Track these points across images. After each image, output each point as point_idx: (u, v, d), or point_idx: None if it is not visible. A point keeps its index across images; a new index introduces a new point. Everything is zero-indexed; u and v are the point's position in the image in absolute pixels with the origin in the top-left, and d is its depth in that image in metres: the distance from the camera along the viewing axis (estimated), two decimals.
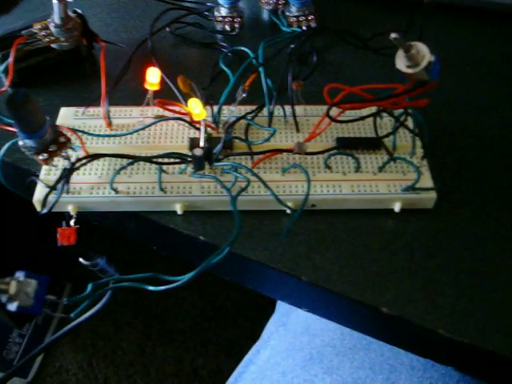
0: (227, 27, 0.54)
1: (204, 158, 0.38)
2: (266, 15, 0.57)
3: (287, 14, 0.54)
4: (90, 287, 0.35)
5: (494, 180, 0.43)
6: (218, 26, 0.54)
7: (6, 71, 0.46)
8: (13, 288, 0.32)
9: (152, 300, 1.12)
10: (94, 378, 1.04)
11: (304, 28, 0.54)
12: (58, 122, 0.44)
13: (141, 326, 1.10)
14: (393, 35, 0.33)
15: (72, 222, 0.39)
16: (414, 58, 0.34)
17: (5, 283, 0.32)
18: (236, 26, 0.54)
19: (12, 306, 0.32)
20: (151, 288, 0.35)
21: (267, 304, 0.71)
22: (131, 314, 1.10)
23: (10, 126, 0.43)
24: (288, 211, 0.38)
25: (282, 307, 0.62)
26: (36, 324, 1.07)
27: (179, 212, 0.39)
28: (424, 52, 0.34)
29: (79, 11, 0.48)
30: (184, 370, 1.05)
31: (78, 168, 0.38)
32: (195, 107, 0.39)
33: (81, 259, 0.36)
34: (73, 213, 0.39)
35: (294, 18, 0.54)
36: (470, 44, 0.55)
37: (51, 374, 1.04)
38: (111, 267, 0.36)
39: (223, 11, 0.54)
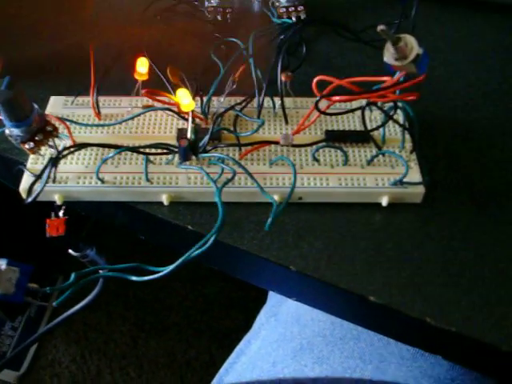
0: (219, 17, 0.54)
1: (190, 149, 0.38)
2: (256, 6, 0.57)
3: (277, 4, 0.54)
4: (73, 276, 0.35)
5: (482, 172, 0.43)
6: (210, 16, 0.54)
7: None
8: None
9: (145, 292, 1.12)
10: (87, 370, 1.04)
11: (294, 19, 0.54)
12: (48, 110, 0.44)
13: (133, 318, 1.10)
14: (380, 27, 0.33)
15: (61, 213, 0.39)
16: (402, 50, 0.34)
17: None
18: (227, 16, 0.54)
19: None
20: (134, 278, 0.35)
21: (259, 295, 0.71)
22: (123, 306, 1.10)
23: None
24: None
25: (273, 298, 0.63)
26: (29, 316, 1.07)
27: (165, 203, 0.39)
28: (412, 44, 0.34)
29: None
30: (177, 361, 1.05)
31: (64, 157, 0.38)
32: (184, 98, 0.39)
33: (70, 250, 0.36)
34: (59, 202, 0.39)
35: (284, 9, 0.54)
36: (461, 34, 0.55)
37: (44, 366, 1.04)
38: (101, 258, 0.36)
39: (214, 1, 0.54)
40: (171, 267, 0.34)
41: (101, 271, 0.36)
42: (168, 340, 1.07)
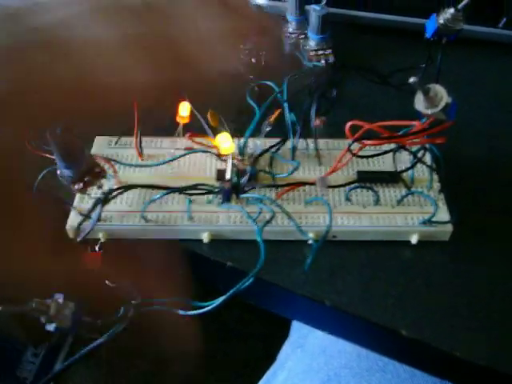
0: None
1: (232, 191, 0.40)
2: (287, 49, 0.59)
3: (306, 48, 0.57)
4: (122, 310, 0.37)
5: (507, 210, 0.45)
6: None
7: None
8: (53, 309, 0.33)
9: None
10: None
11: (323, 62, 0.56)
12: (93, 150, 0.46)
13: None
14: (412, 79, 0.35)
15: (97, 248, 0.40)
16: (432, 99, 0.36)
17: (45, 304, 0.34)
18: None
19: (50, 327, 0.33)
20: (181, 312, 0.36)
21: (279, 326, 0.72)
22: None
23: (49, 153, 0.45)
24: (310, 241, 0.40)
25: (298, 329, 0.63)
26: (50, 344, 1.08)
27: (205, 240, 0.41)
28: (442, 94, 0.36)
29: None
30: None
31: (113, 198, 0.40)
32: (225, 141, 0.41)
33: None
34: (103, 240, 0.41)
35: (313, 52, 0.56)
36: (484, 75, 0.57)
37: None
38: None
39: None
40: (217, 302, 0.35)
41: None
42: (189, 367, 1.08)
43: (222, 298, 0.35)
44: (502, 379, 0.37)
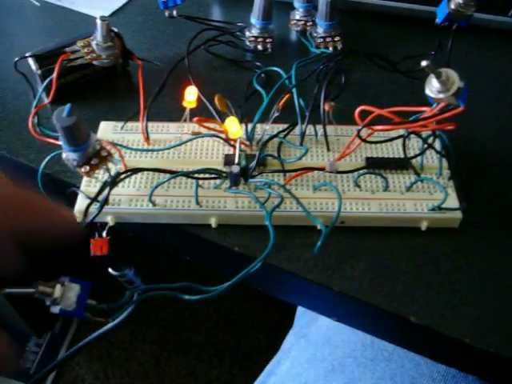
0: (260, 47, 0.56)
1: (240, 175, 0.39)
2: (294, 36, 0.59)
3: (314, 35, 0.56)
4: (127, 294, 0.36)
5: None
6: (251, 46, 0.56)
7: (47, 87, 0.48)
8: (57, 291, 0.33)
9: (167, 311, 1.13)
10: None
11: (331, 49, 0.56)
12: (98, 135, 0.46)
13: (156, 337, 1.11)
14: (424, 63, 0.35)
15: (104, 233, 0.40)
16: (444, 84, 0.36)
17: (50, 286, 0.33)
18: (268, 46, 0.56)
19: (55, 309, 0.33)
20: (187, 297, 0.36)
21: (282, 316, 0.72)
22: (146, 325, 1.12)
23: (53, 138, 0.45)
24: (318, 227, 0.40)
25: (302, 319, 0.63)
26: (53, 333, 1.08)
27: (214, 225, 0.41)
28: (454, 78, 0.36)
29: (116, 30, 0.50)
30: (198, 381, 1.06)
31: (121, 181, 0.39)
32: (232, 126, 0.41)
33: (110, 269, 0.37)
34: (112, 223, 0.41)
35: (321, 39, 0.56)
36: (494, 65, 0.57)
37: (67, 383, 1.05)
38: (138, 278, 0.38)
39: (255, 31, 0.56)
40: (224, 286, 0.35)
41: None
42: (189, 360, 1.08)
43: (229, 282, 0.35)
44: (510, 366, 0.37)
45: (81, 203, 0.41)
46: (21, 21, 0.62)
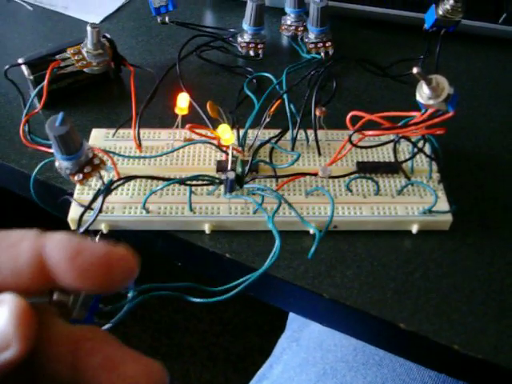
0: (251, 53, 0.56)
1: (236, 181, 0.40)
2: (285, 41, 0.59)
3: (306, 40, 0.57)
4: (130, 294, 0.36)
5: (507, 202, 0.45)
6: (243, 52, 0.57)
7: (38, 93, 0.48)
8: (71, 301, 0.33)
9: (161, 314, 1.13)
10: None
11: (322, 54, 0.56)
12: (90, 142, 0.46)
13: (149, 339, 1.11)
14: (415, 70, 0.35)
15: (97, 239, 0.40)
16: (434, 90, 0.36)
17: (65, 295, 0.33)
18: (260, 51, 0.56)
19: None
20: (194, 299, 0.36)
21: (275, 320, 0.72)
22: (140, 327, 1.11)
23: (44, 146, 0.45)
24: (311, 231, 0.40)
25: (294, 323, 0.63)
26: None
27: (207, 231, 0.41)
28: (444, 85, 0.36)
29: (108, 36, 0.50)
30: None
31: (115, 189, 0.39)
32: (225, 133, 0.41)
33: None
34: (105, 231, 0.41)
35: (312, 45, 0.56)
36: (482, 70, 0.57)
37: None
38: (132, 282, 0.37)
39: (246, 37, 0.56)
40: (233, 292, 0.35)
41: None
42: (183, 363, 1.08)
43: (236, 290, 0.35)
44: (500, 373, 0.37)
45: (74, 212, 0.41)
46: (13, 25, 0.62)
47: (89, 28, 0.47)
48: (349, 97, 0.53)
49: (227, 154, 0.42)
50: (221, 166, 0.43)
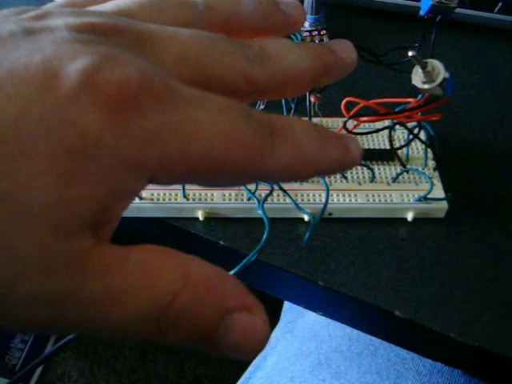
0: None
1: None
2: None
3: (301, 29, 0.56)
4: None
5: (502, 190, 0.45)
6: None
7: None
8: None
9: None
10: None
11: (317, 43, 0.55)
12: None
13: None
14: (410, 53, 0.35)
15: None
16: (430, 74, 0.36)
17: None
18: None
19: None
20: None
21: (270, 313, 0.72)
22: None
23: None
24: (306, 219, 0.40)
25: (288, 314, 0.63)
26: None
27: (201, 218, 0.41)
28: (439, 69, 0.36)
29: None
30: (186, 377, 1.05)
31: None
32: None
33: None
34: None
35: (307, 33, 0.56)
36: (478, 59, 0.57)
37: (53, 380, 1.04)
38: None
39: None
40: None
41: None
42: (177, 356, 1.08)
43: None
44: (495, 360, 0.37)
45: None
46: None
47: None
48: (344, 85, 0.53)
49: None
50: None
